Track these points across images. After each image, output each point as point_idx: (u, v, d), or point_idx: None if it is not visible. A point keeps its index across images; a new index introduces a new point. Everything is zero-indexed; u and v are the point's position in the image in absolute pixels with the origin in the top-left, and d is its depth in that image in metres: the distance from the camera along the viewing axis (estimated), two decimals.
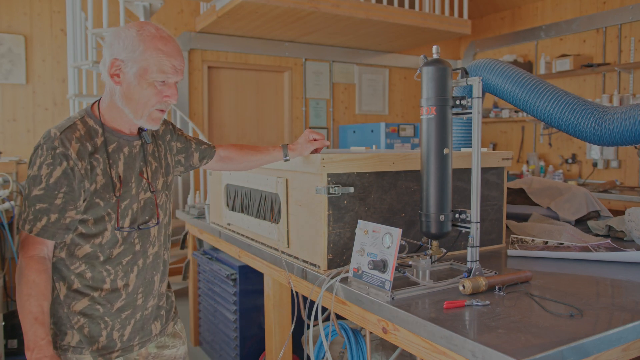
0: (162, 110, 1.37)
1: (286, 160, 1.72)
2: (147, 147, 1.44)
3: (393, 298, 1.32)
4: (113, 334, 1.39)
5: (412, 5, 5.47)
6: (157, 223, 1.44)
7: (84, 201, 1.30)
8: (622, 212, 3.41)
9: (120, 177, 1.35)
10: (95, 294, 1.35)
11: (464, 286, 1.35)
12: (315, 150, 1.73)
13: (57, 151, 1.24)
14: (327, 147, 1.81)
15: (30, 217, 1.26)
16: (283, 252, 1.87)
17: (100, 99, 1.40)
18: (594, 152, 5.32)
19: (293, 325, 1.87)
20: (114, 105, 1.35)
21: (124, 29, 1.33)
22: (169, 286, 1.60)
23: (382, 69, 6.64)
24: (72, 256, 1.33)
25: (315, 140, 1.71)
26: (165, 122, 1.57)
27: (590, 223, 2.29)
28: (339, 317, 2.19)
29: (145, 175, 1.41)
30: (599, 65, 5.25)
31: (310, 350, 1.66)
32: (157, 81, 1.31)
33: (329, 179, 1.58)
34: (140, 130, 1.43)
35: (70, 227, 1.30)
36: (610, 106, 2.24)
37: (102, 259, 1.34)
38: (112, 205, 1.33)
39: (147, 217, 1.42)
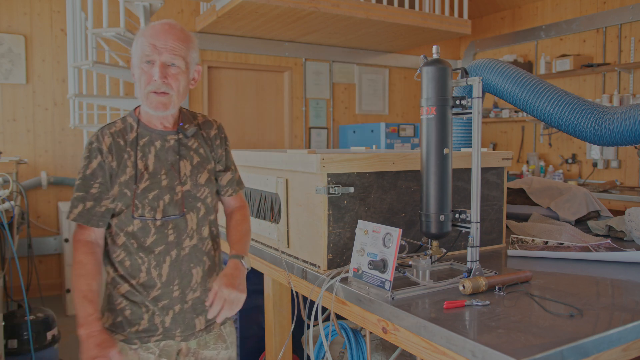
0: (157, 93, 1.38)
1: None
2: (187, 142, 1.49)
3: (393, 298, 1.32)
4: (154, 319, 1.44)
5: (412, 5, 5.47)
6: (181, 215, 1.44)
7: (115, 191, 1.40)
8: (622, 212, 3.41)
9: (148, 169, 1.42)
10: (133, 281, 1.43)
11: (464, 286, 1.35)
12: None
13: (93, 146, 1.40)
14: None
15: (70, 205, 1.40)
16: (283, 252, 1.87)
17: None
18: (594, 152, 5.31)
19: (293, 325, 1.87)
20: None
21: None
22: None
23: (382, 69, 6.64)
24: (114, 245, 1.43)
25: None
26: (219, 129, 1.58)
27: (590, 223, 2.29)
28: (339, 317, 2.19)
29: (175, 167, 1.45)
30: (599, 65, 5.25)
31: (310, 350, 1.66)
32: (143, 63, 1.38)
33: (329, 179, 1.58)
34: (178, 125, 1.49)
35: (105, 215, 1.41)
36: (610, 106, 2.24)
37: (135, 246, 1.42)
38: (137, 195, 1.40)
39: (179, 209, 1.45)
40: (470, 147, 1.96)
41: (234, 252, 1.53)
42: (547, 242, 1.92)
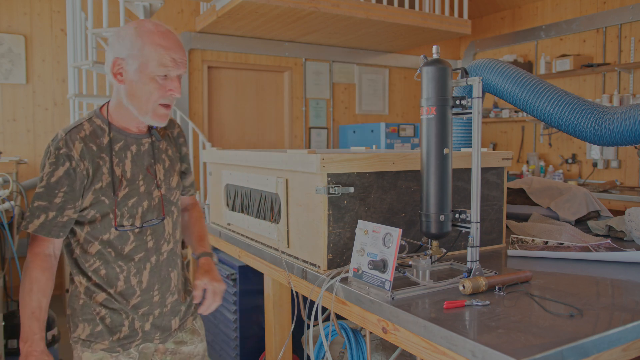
0: (166, 106, 1.36)
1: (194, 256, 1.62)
2: (159, 145, 1.47)
3: (393, 298, 1.32)
4: (135, 324, 1.42)
5: (412, 5, 5.47)
6: (161, 220, 1.45)
7: (89, 199, 1.33)
8: (622, 212, 3.41)
9: (126, 175, 1.37)
10: (111, 290, 1.39)
11: (464, 286, 1.35)
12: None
13: (61, 152, 1.29)
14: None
15: (28, 214, 1.31)
16: (283, 252, 1.87)
17: (110, 100, 1.43)
18: (594, 152, 5.31)
19: (293, 325, 1.87)
20: (120, 105, 1.37)
21: (123, 28, 1.35)
22: (190, 282, 1.62)
23: (382, 69, 6.64)
24: (86, 253, 1.37)
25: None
26: (180, 127, 1.60)
27: (590, 223, 2.29)
28: (339, 317, 2.19)
29: (152, 171, 1.42)
30: (599, 65, 5.25)
31: (310, 350, 1.66)
32: (158, 75, 1.31)
33: (329, 179, 1.58)
34: (150, 128, 1.45)
35: (67, 225, 1.33)
36: (610, 106, 2.24)
37: (113, 254, 1.37)
38: (117, 203, 1.36)
39: (158, 214, 1.44)
40: (470, 147, 1.96)
41: (202, 250, 1.59)
42: (547, 242, 1.92)
